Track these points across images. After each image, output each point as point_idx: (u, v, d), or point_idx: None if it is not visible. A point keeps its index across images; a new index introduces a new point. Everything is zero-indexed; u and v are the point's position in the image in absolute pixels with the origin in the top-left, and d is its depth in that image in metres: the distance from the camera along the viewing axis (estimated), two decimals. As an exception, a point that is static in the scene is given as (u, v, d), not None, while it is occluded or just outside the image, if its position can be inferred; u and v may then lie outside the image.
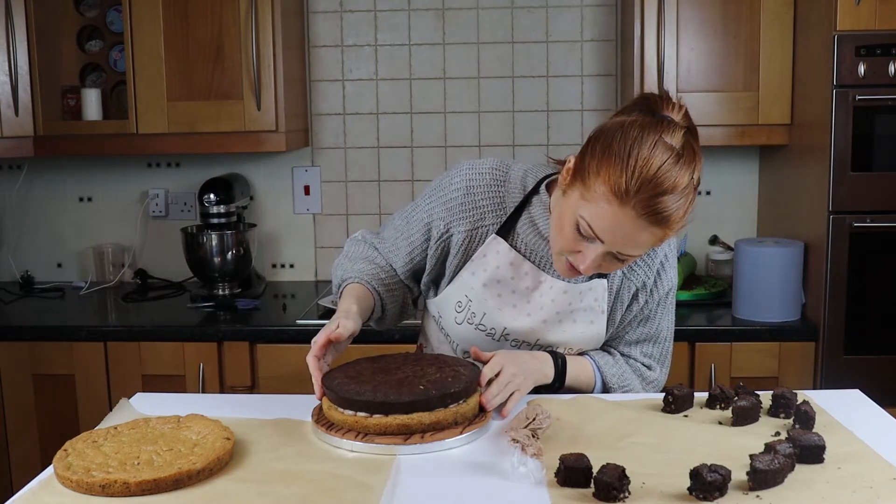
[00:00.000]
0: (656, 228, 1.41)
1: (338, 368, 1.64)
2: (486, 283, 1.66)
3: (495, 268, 1.65)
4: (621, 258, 1.47)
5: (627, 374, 1.74)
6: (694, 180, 1.43)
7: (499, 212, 1.66)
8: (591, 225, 1.43)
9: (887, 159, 2.46)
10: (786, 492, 1.27)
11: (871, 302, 2.50)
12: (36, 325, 2.75)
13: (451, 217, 1.67)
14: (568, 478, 1.30)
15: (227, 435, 1.45)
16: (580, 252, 1.48)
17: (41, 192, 3.29)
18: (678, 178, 1.39)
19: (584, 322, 1.67)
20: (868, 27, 2.41)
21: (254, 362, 2.66)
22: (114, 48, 3.11)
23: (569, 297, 1.65)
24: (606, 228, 1.42)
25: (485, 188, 1.66)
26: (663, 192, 1.38)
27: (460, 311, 1.70)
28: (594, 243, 1.46)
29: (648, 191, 1.37)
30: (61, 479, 1.34)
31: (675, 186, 1.39)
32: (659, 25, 2.69)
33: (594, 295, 1.66)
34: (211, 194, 2.93)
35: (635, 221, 1.40)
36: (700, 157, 1.46)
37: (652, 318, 1.72)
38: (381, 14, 3.13)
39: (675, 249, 1.73)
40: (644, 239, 1.42)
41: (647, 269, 1.66)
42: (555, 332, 1.68)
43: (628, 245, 1.43)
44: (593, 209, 1.42)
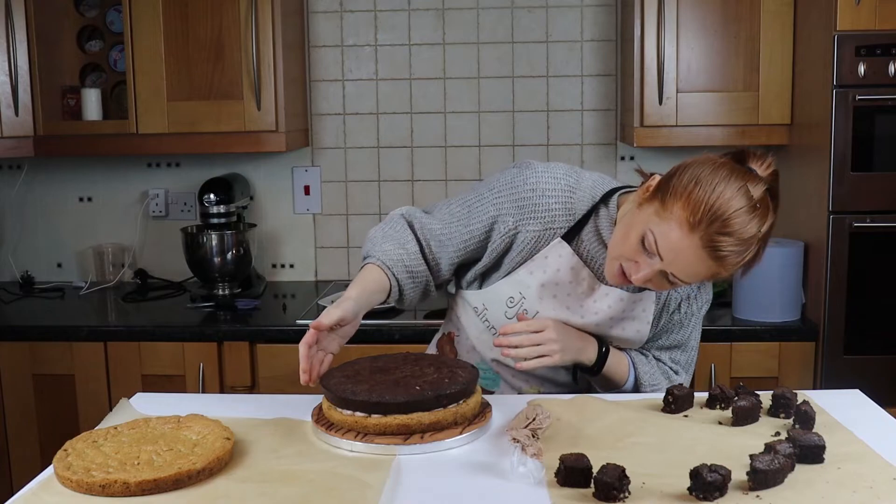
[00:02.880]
0: (713, 263, 1.49)
1: (337, 368, 1.64)
2: (545, 284, 1.70)
3: (556, 270, 1.70)
4: (671, 280, 1.54)
5: (657, 374, 1.80)
6: (761, 233, 1.50)
7: (568, 217, 1.70)
8: (658, 241, 1.50)
9: (887, 159, 2.46)
10: (786, 492, 1.27)
11: (871, 302, 2.50)
12: (36, 325, 2.75)
13: (521, 215, 1.69)
14: (568, 478, 1.30)
15: (227, 435, 1.45)
16: (636, 263, 1.55)
17: (41, 192, 3.29)
18: (747, 226, 1.47)
19: (631, 330, 1.75)
20: (868, 27, 2.41)
21: (254, 362, 2.66)
22: (114, 48, 3.11)
23: (623, 304, 1.72)
24: (670, 248, 1.50)
25: (558, 193, 1.69)
26: (729, 234, 1.46)
27: (512, 306, 1.72)
28: (653, 259, 1.53)
29: (717, 228, 1.46)
30: (61, 479, 1.34)
31: (742, 233, 1.47)
32: (659, 25, 2.69)
33: (643, 306, 1.73)
34: (211, 194, 2.93)
35: (697, 251, 1.48)
36: (773, 215, 1.53)
37: (684, 327, 1.80)
38: (381, 14, 3.13)
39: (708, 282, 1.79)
40: (699, 269, 1.50)
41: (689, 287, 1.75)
42: (614, 331, 1.75)
43: (683, 271, 1.51)
44: (664, 228, 1.50)
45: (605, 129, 3.14)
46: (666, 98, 2.72)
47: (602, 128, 3.14)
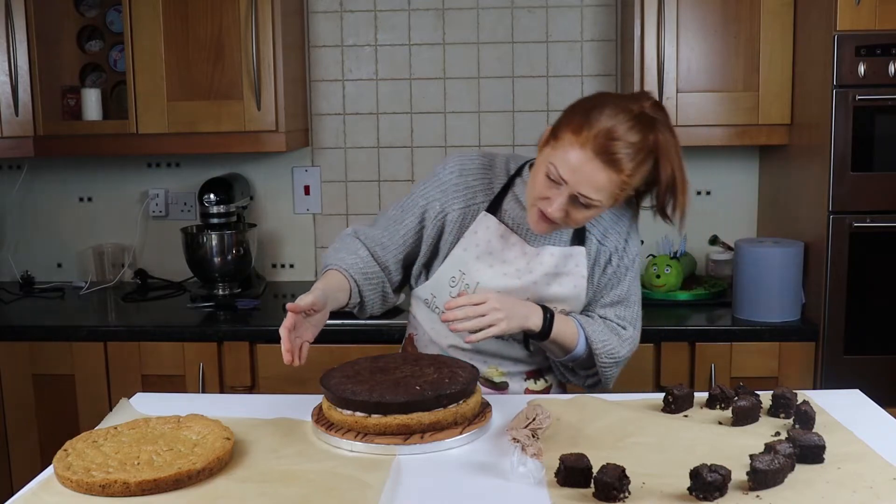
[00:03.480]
0: (611, 170, 1.60)
1: (337, 368, 1.64)
2: (479, 256, 1.81)
3: (486, 241, 1.81)
4: (584, 202, 1.64)
5: (606, 332, 1.83)
6: (651, 141, 1.62)
7: (488, 192, 1.84)
8: (558, 168, 1.64)
9: (887, 159, 2.46)
10: (786, 492, 1.27)
11: (871, 302, 2.50)
12: (36, 325, 2.75)
13: (445, 198, 1.84)
14: (568, 478, 1.30)
15: (227, 435, 1.45)
16: (549, 198, 1.66)
17: (41, 192, 3.29)
18: (631, 131, 1.60)
19: (568, 285, 1.82)
20: (868, 27, 2.41)
21: (254, 362, 2.66)
22: (114, 48, 3.11)
23: (556, 260, 1.81)
24: (569, 169, 1.62)
25: (475, 171, 1.86)
26: (615, 139, 1.60)
27: (454, 285, 1.83)
28: (560, 187, 1.65)
29: (603, 135, 1.60)
30: (61, 479, 1.34)
31: (628, 137, 1.60)
32: (659, 25, 2.69)
33: (575, 261, 1.82)
34: (211, 194, 2.93)
35: (592, 162, 1.60)
36: (668, 131, 1.65)
37: (622, 282, 1.86)
38: (381, 14, 3.13)
39: (636, 227, 1.89)
40: (600, 180, 1.61)
41: (617, 237, 1.84)
42: (543, 292, 1.81)
43: (588, 185, 1.62)
44: (560, 154, 1.64)
45: (605, 129, 3.13)
46: (666, 98, 2.71)
47: (602, 128, 3.13)
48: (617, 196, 1.65)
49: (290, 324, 1.63)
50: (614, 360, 1.83)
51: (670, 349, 2.59)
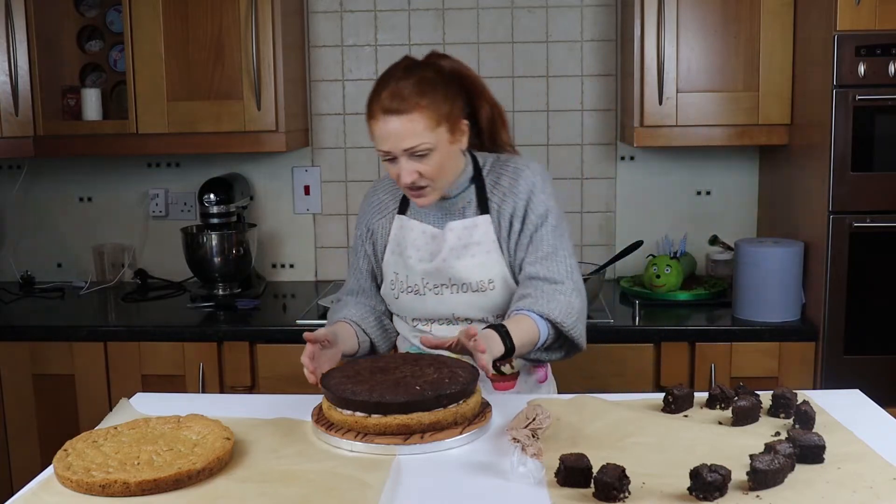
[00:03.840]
0: (406, 115, 1.76)
1: (337, 368, 1.64)
2: (401, 253, 1.96)
3: (402, 238, 1.97)
4: (417, 153, 1.78)
5: (550, 299, 1.81)
6: (428, 76, 1.80)
7: (396, 199, 2.01)
8: (378, 147, 1.82)
9: (887, 159, 2.46)
10: (786, 492, 1.27)
11: (871, 302, 2.50)
12: (36, 325, 2.75)
13: (366, 218, 2.04)
14: (568, 478, 1.30)
15: (227, 435, 1.45)
16: (398, 174, 1.82)
17: (41, 192, 3.29)
18: (403, 81, 1.78)
19: (481, 253, 1.90)
20: (868, 27, 2.41)
21: (254, 362, 2.66)
22: (114, 48, 3.11)
23: (457, 233, 1.91)
24: (383, 141, 1.80)
25: (384, 187, 2.05)
26: (392, 91, 1.78)
27: (394, 287, 1.96)
28: (396, 159, 1.80)
29: (385, 98, 1.79)
30: (61, 479, 1.34)
31: (401, 84, 1.77)
32: (659, 25, 2.69)
33: (482, 229, 1.90)
34: (211, 194, 2.93)
35: (390, 120, 1.77)
36: (433, 65, 1.86)
37: (543, 241, 1.89)
38: (381, 14, 3.13)
39: (540, 181, 1.91)
40: (405, 127, 1.76)
41: (514, 199, 1.89)
42: (458, 265, 1.89)
43: (402, 139, 1.77)
44: (376, 139, 1.83)
45: (605, 129, 3.13)
46: (666, 98, 2.72)
47: (602, 128, 3.14)
48: (437, 128, 1.77)
49: (311, 352, 1.72)
50: (574, 318, 1.82)
51: (670, 349, 2.59)
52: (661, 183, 3.14)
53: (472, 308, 1.90)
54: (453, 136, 1.82)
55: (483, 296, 1.89)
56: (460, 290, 1.89)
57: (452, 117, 1.82)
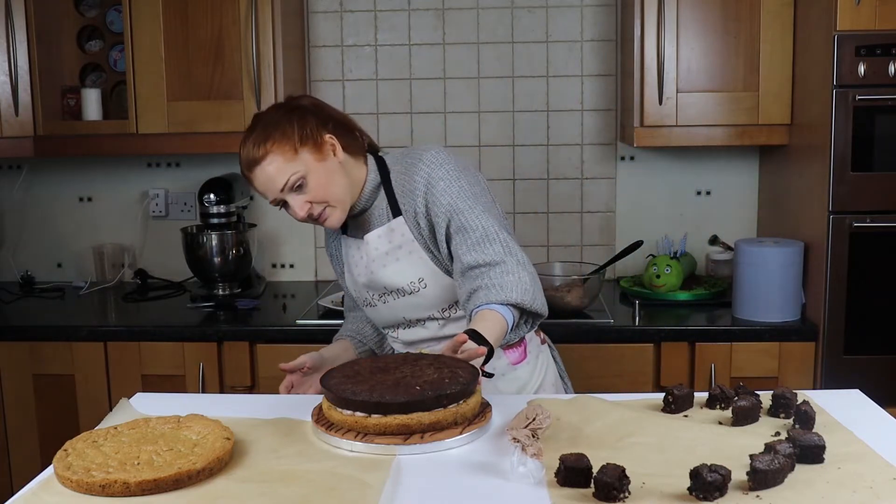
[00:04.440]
0: (267, 160, 1.82)
1: (337, 368, 1.64)
2: (350, 272, 2.02)
3: (346, 255, 2.02)
4: (293, 185, 1.82)
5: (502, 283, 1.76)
6: (259, 123, 1.88)
7: None
8: (267, 198, 1.87)
9: (887, 159, 2.46)
10: (786, 492, 1.27)
11: (871, 302, 2.50)
12: (36, 325, 2.76)
13: (327, 243, 2.10)
14: (568, 478, 1.30)
15: (227, 435, 1.45)
16: (293, 212, 1.86)
17: (41, 192, 3.29)
18: (248, 138, 1.87)
19: (404, 255, 1.91)
20: (868, 27, 2.41)
21: (254, 362, 2.66)
22: (114, 48, 3.11)
23: (377, 241, 1.93)
24: (262, 192, 1.86)
25: None
26: (241, 153, 1.87)
27: (359, 302, 2.03)
28: (285, 203, 1.86)
29: (241, 162, 1.88)
30: (61, 479, 1.34)
31: (248, 141, 1.86)
32: (659, 25, 2.69)
33: (399, 231, 1.91)
34: (211, 194, 2.93)
35: (254, 174, 1.85)
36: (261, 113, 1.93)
37: (467, 227, 1.82)
38: (381, 14, 3.13)
39: (436, 167, 1.88)
40: (270, 170, 1.82)
41: (412, 196, 1.88)
42: (386, 271, 1.92)
43: (274, 181, 1.82)
44: (261, 194, 1.88)
45: (605, 129, 3.14)
46: (666, 98, 2.72)
47: (602, 128, 3.14)
48: (297, 155, 1.81)
49: (288, 383, 1.86)
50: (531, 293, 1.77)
51: (670, 349, 2.59)
52: (661, 183, 3.14)
53: (416, 309, 1.93)
54: (320, 153, 1.83)
55: (419, 296, 1.91)
56: (398, 295, 1.92)
57: (307, 139, 1.83)
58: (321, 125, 1.86)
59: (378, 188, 1.94)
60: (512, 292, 1.75)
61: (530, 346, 1.98)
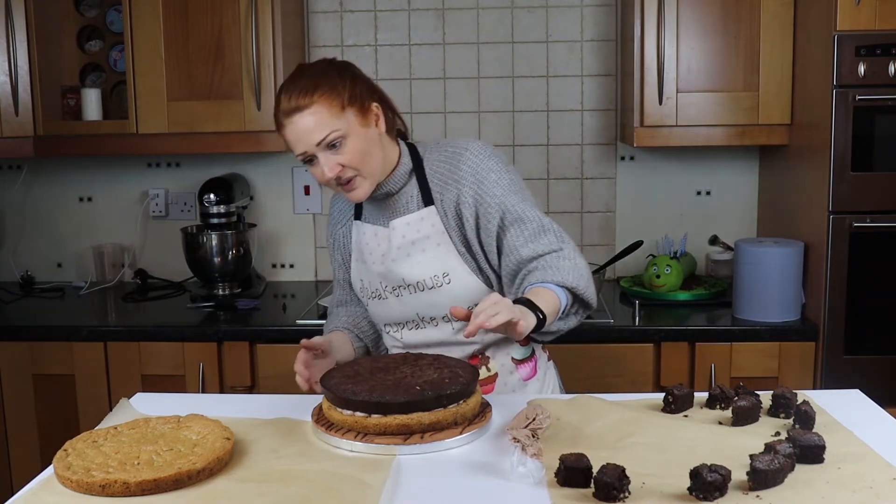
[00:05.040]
0: (310, 109, 1.73)
1: (337, 368, 1.64)
2: (361, 259, 1.92)
3: (358, 243, 1.94)
4: (331, 143, 1.74)
5: (558, 266, 1.73)
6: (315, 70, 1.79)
7: (352, 205, 1.96)
8: (295, 153, 1.78)
9: (887, 159, 2.46)
10: (786, 492, 1.27)
11: (871, 302, 2.50)
12: (36, 325, 2.75)
13: (332, 228, 2.02)
14: (568, 478, 1.30)
15: (227, 435, 1.45)
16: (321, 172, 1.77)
17: (41, 192, 3.29)
18: (293, 83, 1.76)
19: (430, 248, 1.83)
20: (868, 27, 2.41)
21: (254, 362, 2.66)
22: (114, 48, 3.11)
23: (403, 229, 1.85)
24: (294, 142, 1.76)
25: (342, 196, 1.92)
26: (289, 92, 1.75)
27: (363, 294, 1.94)
28: (315, 158, 1.76)
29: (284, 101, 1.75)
30: (61, 479, 1.34)
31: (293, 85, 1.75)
32: (659, 25, 2.69)
33: (429, 222, 1.84)
34: (211, 194, 2.93)
35: (291, 121, 1.74)
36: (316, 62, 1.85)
37: (523, 220, 1.80)
38: (381, 14, 3.13)
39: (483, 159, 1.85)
40: (310, 121, 1.73)
41: (456, 185, 1.82)
42: (410, 261, 1.84)
43: (312, 133, 1.73)
44: (290, 146, 1.79)
45: (605, 129, 3.14)
46: (666, 98, 2.72)
47: (602, 128, 3.14)
48: (343, 113, 1.74)
49: (304, 359, 1.72)
50: (585, 279, 1.75)
51: (670, 349, 2.59)
52: (661, 183, 3.14)
53: (432, 306, 1.84)
54: (364, 118, 1.77)
55: (439, 292, 1.82)
56: (416, 289, 1.83)
57: (356, 100, 1.77)
58: (370, 92, 1.81)
59: (410, 174, 1.86)
60: (568, 275, 1.72)
61: (540, 362, 1.94)
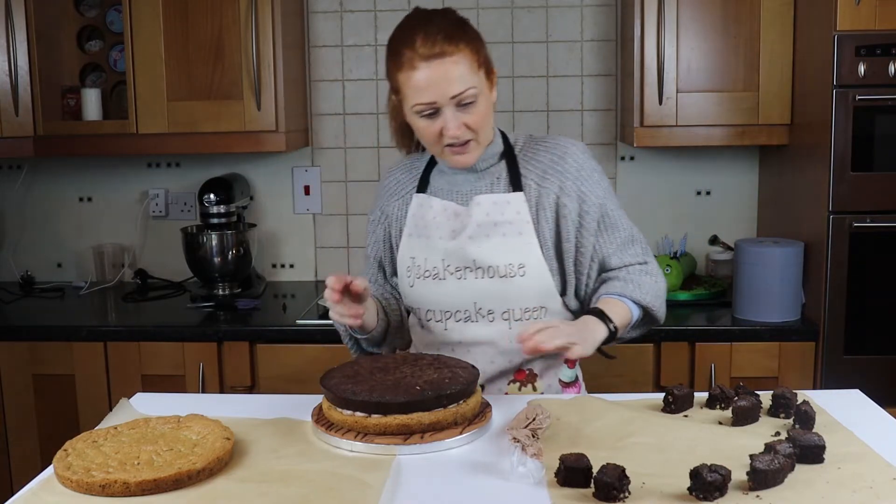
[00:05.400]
0: (450, 57, 1.60)
1: (337, 368, 1.64)
2: (420, 234, 1.81)
3: (420, 218, 1.82)
4: (464, 100, 1.63)
5: (639, 282, 1.76)
6: (451, 18, 1.65)
7: (415, 177, 1.87)
8: (418, 101, 1.62)
9: (887, 159, 2.46)
10: (786, 492, 1.27)
11: (871, 302, 2.50)
12: (36, 325, 2.75)
13: (382, 200, 1.90)
14: (568, 478, 1.30)
15: (227, 435, 1.45)
16: (436, 129, 1.65)
17: (41, 192, 3.29)
18: (431, 24, 1.61)
19: (512, 234, 1.74)
20: (868, 27, 2.41)
21: (254, 362, 2.66)
22: (114, 48, 3.11)
23: (485, 208, 1.75)
24: (424, 89, 1.61)
25: (402, 168, 1.90)
26: (427, 35, 1.60)
27: (410, 274, 1.81)
28: (438, 112, 1.64)
29: (419, 45, 1.59)
30: (61, 479, 1.34)
31: (432, 27, 1.60)
32: (659, 25, 2.69)
33: (515, 208, 1.75)
34: (211, 194, 2.93)
35: (430, 66, 1.60)
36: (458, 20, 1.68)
37: (617, 226, 1.79)
38: (381, 14, 3.13)
39: (587, 159, 1.79)
40: (451, 71, 1.60)
41: (560, 177, 1.76)
42: (489, 242, 1.74)
43: (448, 85, 1.61)
44: (409, 93, 1.63)
45: (605, 129, 3.14)
46: (666, 98, 2.72)
47: (602, 128, 3.14)
48: (479, 71, 1.65)
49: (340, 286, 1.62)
50: (661, 299, 1.81)
51: (670, 349, 2.59)
52: (661, 183, 3.14)
53: (495, 298, 1.75)
54: (490, 83, 1.69)
55: (510, 283, 1.73)
56: (485, 274, 1.73)
57: (488, 61, 1.69)
58: (491, 60, 1.72)
59: (501, 156, 1.79)
60: (647, 294, 1.75)
61: (582, 387, 1.93)
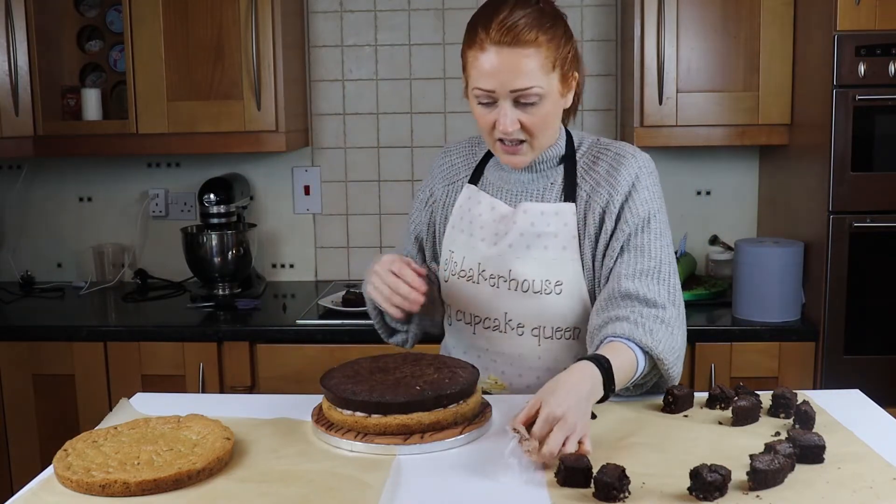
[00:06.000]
0: (522, 48, 1.50)
1: (337, 368, 1.64)
2: (463, 229, 1.72)
3: (466, 210, 1.73)
4: (525, 99, 1.53)
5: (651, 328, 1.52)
6: (541, 7, 1.54)
7: (471, 164, 1.78)
8: (478, 85, 1.53)
9: (887, 159, 2.46)
10: (786, 492, 1.27)
11: (871, 302, 2.50)
12: (36, 325, 2.75)
13: (433, 181, 1.81)
14: (568, 478, 1.30)
15: (227, 435, 1.45)
16: (496, 121, 1.56)
17: (41, 192, 3.29)
18: (517, 9, 1.50)
19: (555, 248, 1.63)
20: (868, 27, 2.41)
21: (254, 362, 2.66)
22: (114, 48, 3.11)
23: (531, 217, 1.65)
24: (488, 76, 1.51)
25: (460, 149, 1.81)
26: (506, 20, 1.49)
27: (446, 268, 1.73)
28: (496, 102, 1.54)
29: (495, 27, 1.50)
30: (61, 479, 1.34)
31: (515, 14, 1.50)
32: (659, 25, 2.69)
33: (563, 219, 1.63)
34: (211, 194, 2.93)
35: (501, 53, 1.50)
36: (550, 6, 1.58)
37: (646, 250, 1.59)
38: (381, 14, 3.13)
39: (646, 173, 1.67)
40: (518, 64, 1.50)
41: (610, 189, 1.63)
42: (526, 256, 1.63)
43: (513, 77, 1.51)
44: (473, 74, 1.54)
45: (605, 129, 3.13)
46: (666, 98, 2.72)
47: (602, 128, 3.13)
48: (552, 72, 1.53)
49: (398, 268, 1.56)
50: (675, 355, 1.56)
51: (670, 349, 2.58)
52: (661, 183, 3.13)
53: (528, 314, 1.64)
54: (564, 86, 1.57)
55: (544, 300, 1.62)
56: (519, 287, 1.62)
57: (567, 64, 1.55)
58: (574, 60, 1.58)
59: (560, 161, 1.66)
60: (659, 343, 1.51)
61: None
